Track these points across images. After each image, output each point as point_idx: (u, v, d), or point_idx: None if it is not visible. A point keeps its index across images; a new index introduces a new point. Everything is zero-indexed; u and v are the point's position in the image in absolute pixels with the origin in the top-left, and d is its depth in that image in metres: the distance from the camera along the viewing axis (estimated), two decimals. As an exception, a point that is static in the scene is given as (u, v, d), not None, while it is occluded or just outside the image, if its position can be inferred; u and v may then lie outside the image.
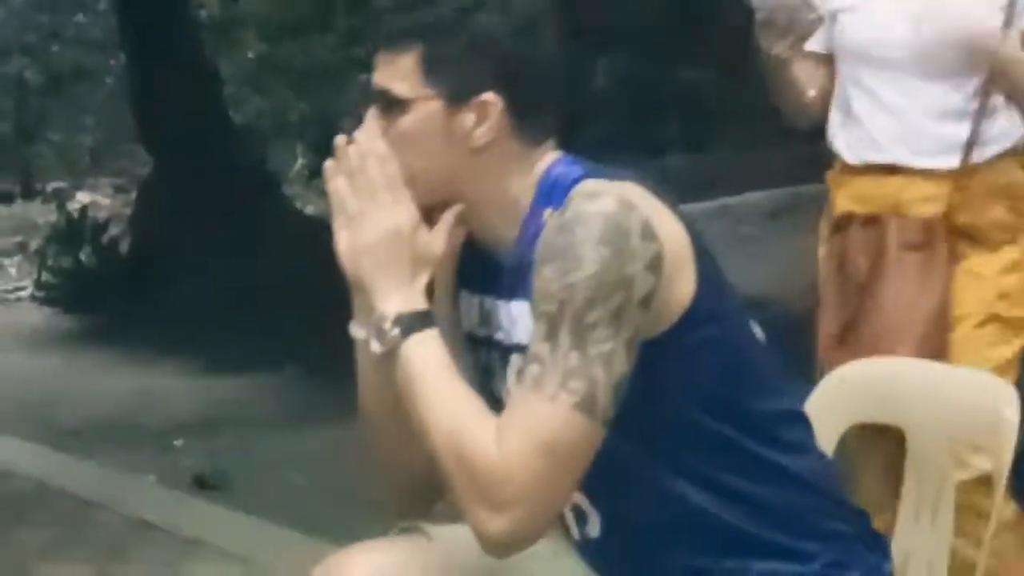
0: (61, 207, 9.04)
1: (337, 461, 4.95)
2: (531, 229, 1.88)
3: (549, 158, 1.93)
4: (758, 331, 2.01)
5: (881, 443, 2.58)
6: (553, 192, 1.88)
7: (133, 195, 8.92)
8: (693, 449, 1.90)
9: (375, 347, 1.88)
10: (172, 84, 7.95)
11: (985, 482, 2.18)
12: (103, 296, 7.61)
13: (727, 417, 1.90)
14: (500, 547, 1.82)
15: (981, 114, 2.88)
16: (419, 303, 1.89)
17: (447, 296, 2.03)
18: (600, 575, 2.05)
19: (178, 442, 5.39)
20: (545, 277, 1.77)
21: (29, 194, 11.43)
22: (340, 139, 1.92)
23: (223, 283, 7.05)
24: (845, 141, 3.00)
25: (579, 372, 1.75)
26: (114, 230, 8.33)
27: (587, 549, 2.03)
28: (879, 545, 2.05)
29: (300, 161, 10.90)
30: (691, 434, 1.89)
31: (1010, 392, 2.12)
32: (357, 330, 1.95)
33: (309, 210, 9.28)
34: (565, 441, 1.76)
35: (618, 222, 1.77)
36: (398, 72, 1.90)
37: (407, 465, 1.97)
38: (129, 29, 8.50)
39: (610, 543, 1.99)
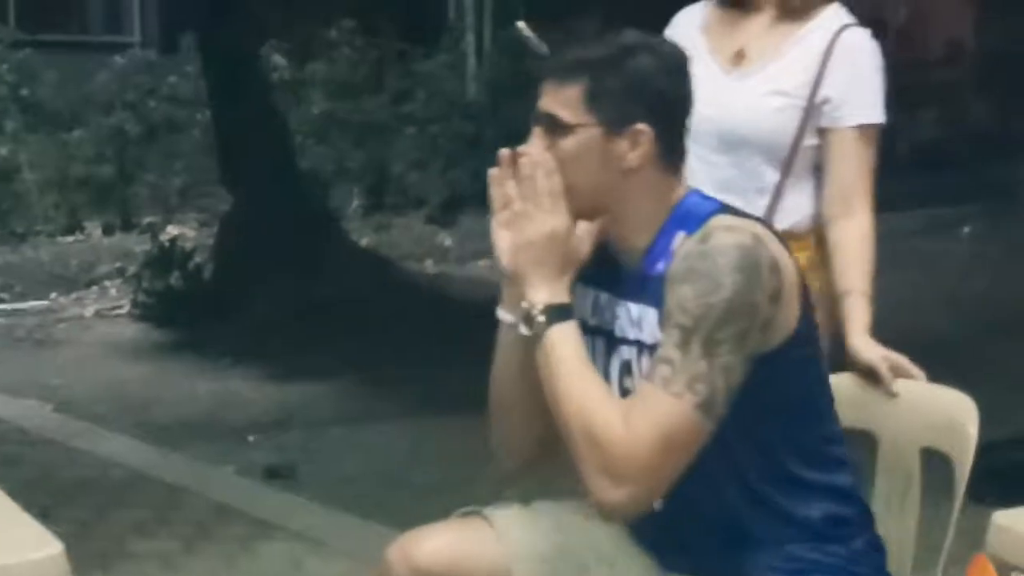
0: (154, 238, 9.00)
1: (388, 454, 4.97)
2: (661, 245, 1.87)
3: (683, 189, 1.93)
4: None
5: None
6: (688, 219, 1.87)
7: (215, 228, 8.89)
8: (751, 455, 1.88)
9: (523, 330, 1.86)
10: (249, 135, 7.97)
11: None
12: (189, 314, 7.59)
13: (788, 443, 1.88)
14: (614, 514, 1.84)
15: (777, 192, 2.57)
16: (564, 297, 1.87)
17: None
18: (651, 546, 2.01)
19: (252, 438, 5.36)
20: (683, 295, 1.76)
21: (127, 227, 11.41)
22: (504, 151, 1.89)
23: (291, 303, 7.05)
24: None
25: (704, 378, 1.74)
26: (199, 258, 8.31)
27: (645, 519, 1.96)
28: (873, 526, 2.03)
29: (356, 201, 10.90)
30: (755, 445, 1.87)
31: (971, 405, 2.08)
32: (505, 315, 1.93)
33: (363, 242, 9.24)
34: (682, 433, 1.76)
35: (753, 255, 1.76)
36: (564, 100, 1.88)
37: (526, 430, 1.96)
38: (213, 88, 8.52)
39: (666, 517, 1.94)
